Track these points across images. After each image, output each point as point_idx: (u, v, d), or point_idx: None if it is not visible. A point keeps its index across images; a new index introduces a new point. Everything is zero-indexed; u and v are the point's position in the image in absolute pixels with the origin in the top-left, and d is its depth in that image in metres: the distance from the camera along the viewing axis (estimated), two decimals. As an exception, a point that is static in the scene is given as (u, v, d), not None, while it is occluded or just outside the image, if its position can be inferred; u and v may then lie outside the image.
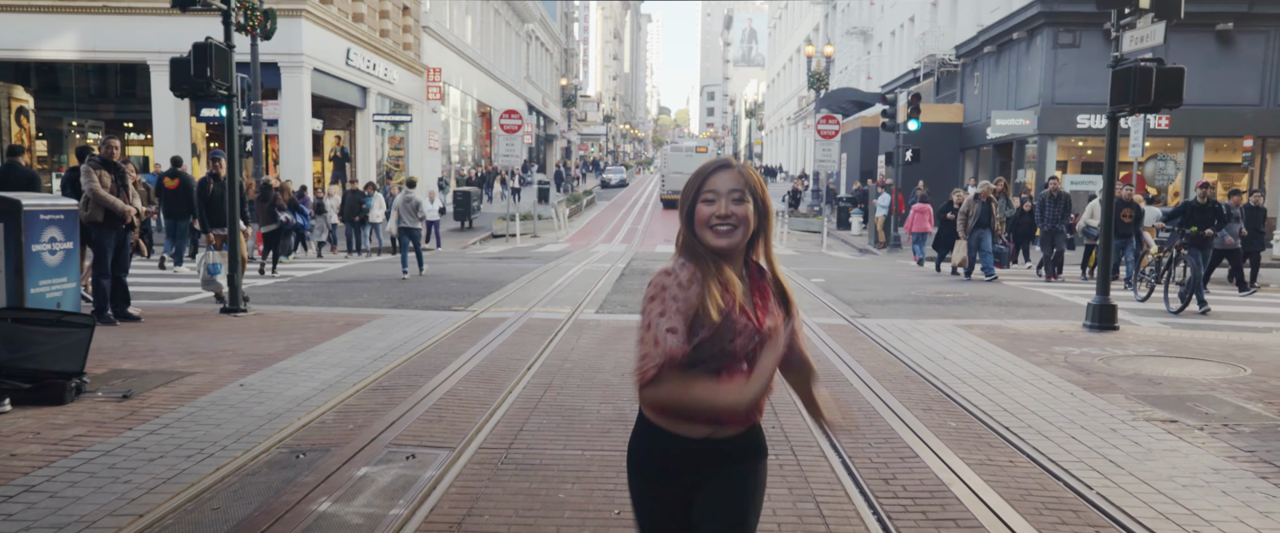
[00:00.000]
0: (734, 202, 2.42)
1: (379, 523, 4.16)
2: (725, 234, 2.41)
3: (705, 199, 2.44)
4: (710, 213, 2.43)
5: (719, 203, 2.43)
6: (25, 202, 6.58)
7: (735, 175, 2.45)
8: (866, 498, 4.59)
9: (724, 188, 2.44)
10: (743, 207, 2.42)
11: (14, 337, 6.21)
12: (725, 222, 2.41)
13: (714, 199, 2.44)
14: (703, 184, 2.45)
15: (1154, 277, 13.51)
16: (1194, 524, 4.28)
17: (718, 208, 2.42)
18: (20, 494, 4.44)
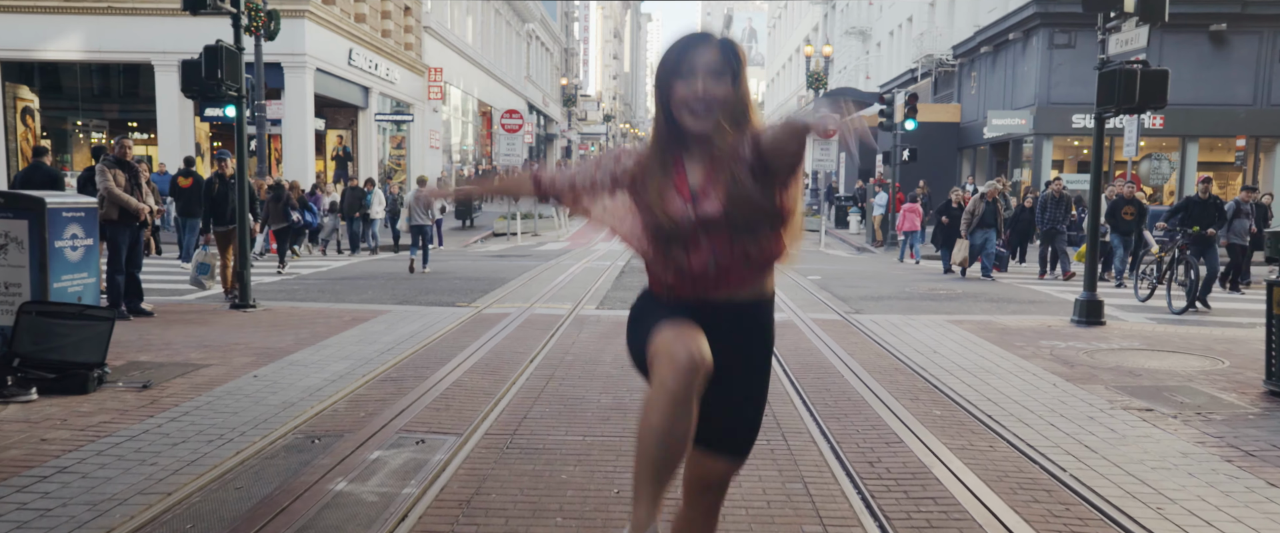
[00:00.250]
0: (714, 77, 2.29)
1: (393, 501, 4.43)
2: (700, 115, 2.30)
3: (681, 74, 2.31)
4: (685, 94, 2.30)
5: (696, 81, 2.29)
6: (49, 200, 6.85)
7: (715, 52, 2.30)
8: (852, 479, 4.86)
9: (703, 64, 2.30)
10: (722, 86, 2.29)
11: (38, 329, 6.48)
12: (698, 102, 2.28)
13: (690, 76, 2.30)
14: (680, 62, 2.31)
15: (1155, 276, 13.36)
16: (1158, 502, 4.55)
17: (695, 87, 2.29)
18: (54, 475, 4.71)
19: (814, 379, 7.35)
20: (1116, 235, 15.71)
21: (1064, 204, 17.03)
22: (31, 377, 6.23)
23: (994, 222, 16.66)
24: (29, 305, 6.61)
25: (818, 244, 27.10)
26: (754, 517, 4.30)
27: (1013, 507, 4.47)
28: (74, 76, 27.39)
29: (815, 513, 4.38)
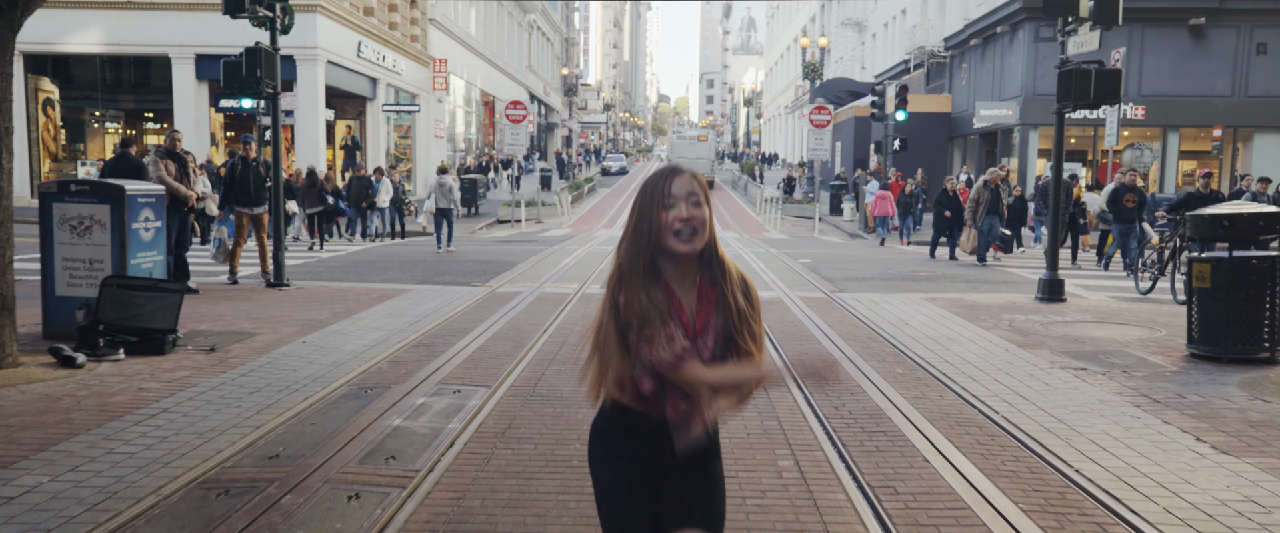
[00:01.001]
0: (692, 205, 2.42)
1: (441, 433, 5.43)
2: (686, 240, 2.40)
3: (666, 204, 2.42)
4: (672, 218, 2.40)
5: (679, 206, 2.41)
6: (128, 187, 7.83)
7: (689, 180, 2.46)
8: (819, 419, 5.86)
9: (682, 192, 2.43)
10: (701, 210, 2.42)
11: (120, 300, 7.47)
12: (687, 225, 2.40)
13: (674, 203, 2.42)
14: (663, 190, 2.43)
15: (1156, 269, 12.82)
16: (1067, 435, 5.55)
17: (679, 212, 2.40)
18: (159, 414, 5.70)
19: (794, 345, 8.35)
20: (1118, 224, 15.72)
21: (1063, 190, 16.76)
22: (119, 340, 7.22)
23: (997, 207, 17.07)
24: (110, 279, 7.59)
25: (812, 230, 28.09)
26: (737, 445, 5.30)
27: (948, 438, 5.47)
28: (92, 68, 28.30)
29: (786, 442, 5.38)
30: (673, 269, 2.44)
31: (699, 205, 2.40)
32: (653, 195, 2.42)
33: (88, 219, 7.70)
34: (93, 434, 5.23)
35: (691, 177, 2.44)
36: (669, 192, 2.41)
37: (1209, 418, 5.93)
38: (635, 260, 2.41)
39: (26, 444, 5.01)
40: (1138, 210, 15.47)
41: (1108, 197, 16.15)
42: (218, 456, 4.91)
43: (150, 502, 4.23)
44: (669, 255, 2.41)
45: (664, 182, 2.43)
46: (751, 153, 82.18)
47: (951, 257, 18.07)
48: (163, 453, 4.93)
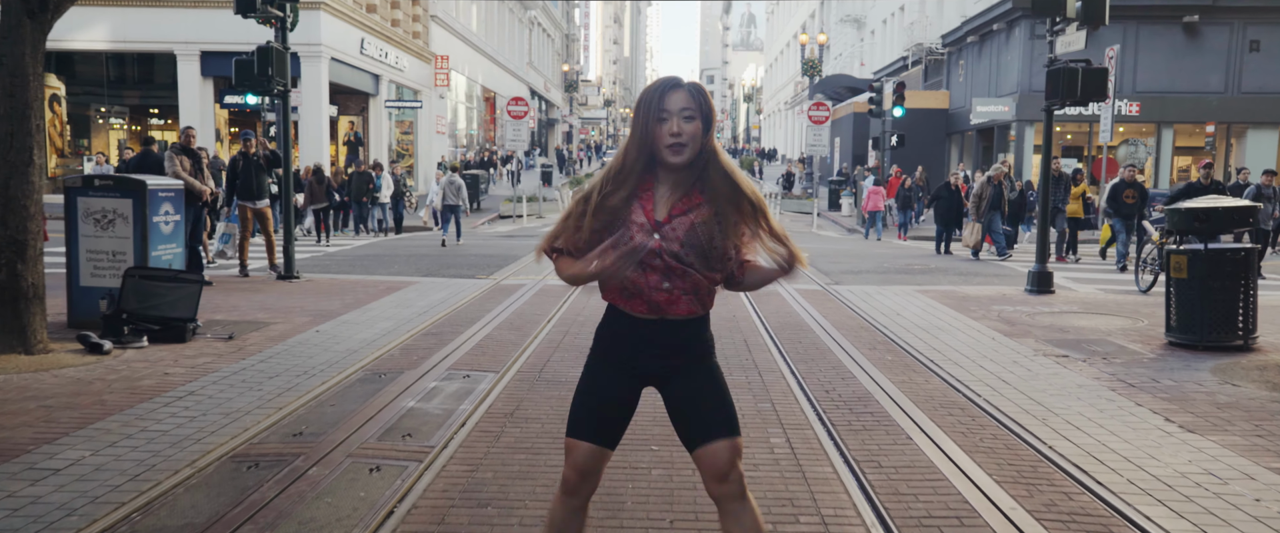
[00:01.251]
0: (685, 119, 2.60)
1: (453, 413, 5.76)
2: (678, 151, 2.61)
3: (660, 116, 2.61)
4: (665, 131, 2.59)
5: (672, 121, 2.59)
6: (149, 182, 8.15)
7: (686, 95, 2.62)
8: (810, 401, 6.18)
9: (677, 106, 2.61)
10: (692, 124, 2.60)
11: (141, 290, 7.80)
12: (677, 139, 2.60)
13: (667, 117, 2.60)
14: (659, 103, 2.61)
15: (1158, 265, 12.30)
16: (1044, 415, 5.88)
17: (671, 126, 2.59)
18: (186, 397, 6.03)
19: (789, 334, 8.67)
20: (1119, 220, 15.66)
21: (1064, 184, 16.93)
22: (143, 328, 7.55)
23: (1000, 204, 17.22)
24: (132, 270, 7.92)
25: (810, 225, 28.41)
26: (731, 423, 5.63)
27: (932, 419, 5.80)
28: (98, 65, 28.61)
29: (779, 421, 5.71)
30: (667, 174, 2.66)
31: (691, 119, 2.59)
32: (648, 109, 2.62)
33: (111, 213, 8.03)
34: (126, 414, 5.56)
35: (687, 91, 2.62)
36: (664, 106, 2.60)
37: (1179, 400, 6.26)
38: (633, 163, 2.66)
39: (65, 423, 5.34)
40: (1138, 207, 15.43)
41: (1108, 193, 16.39)
42: (245, 433, 5.24)
43: (186, 473, 4.56)
44: (665, 164, 2.63)
45: (660, 95, 2.62)
46: (751, 149, 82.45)
47: (946, 251, 18.30)
48: (193, 431, 5.26)
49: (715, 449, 2.69)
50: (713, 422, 2.72)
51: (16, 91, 6.59)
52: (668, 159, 2.60)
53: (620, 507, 4.22)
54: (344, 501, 4.24)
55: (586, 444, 2.79)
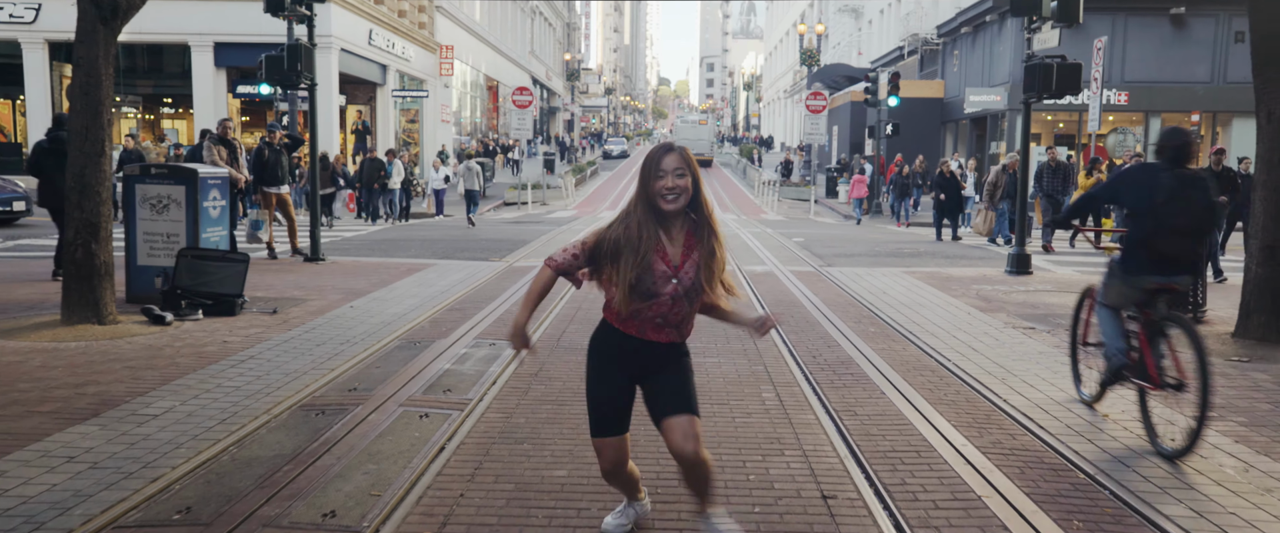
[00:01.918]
0: (677, 177, 3.28)
1: (485, 373, 6.56)
2: (672, 201, 3.27)
3: (657, 176, 3.28)
4: (661, 186, 3.27)
5: (667, 178, 3.27)
6: (200, 170, 8.94)
7: (677, 157, 3.32)
8: (799, 365, 6.99)
9: (670, 167, 3.28)
10: (684, 179, 3.29)
11: (194, 268, 8.60)
12: (672, 192, 3.27)
13: (663, 175, 3.27)
14: (656, 165, 3.30)
15: None
16: (1003, 374, 6.69)
17: (666, 182, 3.26)
18: (247, 361, 6.84)
19: (783, 310, 9.48)
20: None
21: (1062, 172, 17.06)
22: (198, 302, 8.35)
23: (1015, 193, 17.46)
24: (185, 251, 8.72)
25: (807, 212, 29.20)
26: (728, 381, 6.44)
27: (905, 378, 6.60)
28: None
29: (770, 380, 6.52)
30: (665, 220, 3.32)
31: (683, 176, 3.28)
32: (649, 168, 3.32)
33: (165, 198, 8.82)
34: (199, 374, 6.37)
35: (679, 153, 3.33)
36: (660, 166, 3.29)
37: (1126, 364, 7.07)
38: (639, 210, 3.34)
39: (150, 380, 6.15)
40: None
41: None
42: (306, 389, 6.05)
43: (264, 419, 5.37)
44: (661, 211, 3.30)
45: (659, 158, 3.31)
46: (750, 137, 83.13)
47: (955, 237, 18.67)
48: (261, 387, 6.07)
49: (676, 421, 3.40)
50: (676, 403, 3.42)
51: (91, 90, 7.38)
52: (664, 207, 3.28)
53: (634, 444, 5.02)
54: (402, 439, 5.05)
55: (611, 439, 3.51)
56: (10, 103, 30.64)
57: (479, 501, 4.20)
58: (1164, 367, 5.11)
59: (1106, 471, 4.67)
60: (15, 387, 5.89)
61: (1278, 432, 5.39)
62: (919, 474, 4.60)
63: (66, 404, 5.52)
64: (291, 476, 4.44)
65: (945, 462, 4.80)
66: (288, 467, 4.55)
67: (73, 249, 7.48)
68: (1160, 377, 5.11)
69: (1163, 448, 4.92)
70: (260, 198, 13.20)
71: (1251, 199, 7.64)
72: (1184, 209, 5.16)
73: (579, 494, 4.29)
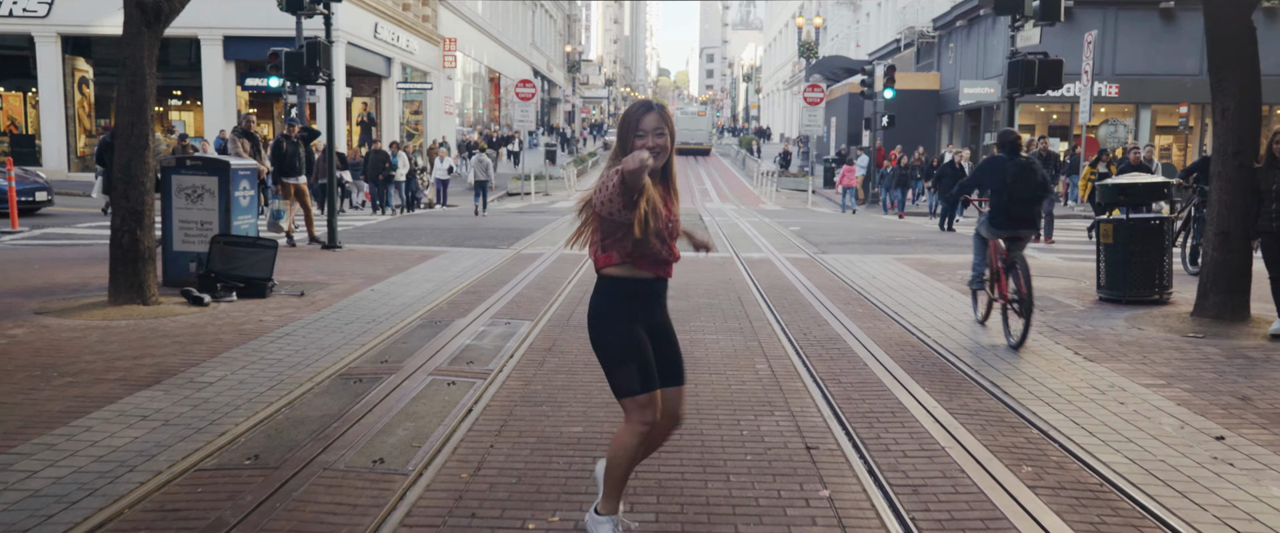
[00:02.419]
0: (657, 136, 3.40)
1: (502, 348, 7.18)
2: (658, 156, 3.40)
3: (638, 135, 3.41)
4: (643, 146, 3.36)
5: (648, 138, 3.39)
6: (232, 162, 9.55)
7: (656, 116, 3.43)
8: (790, 341, 7.60)
9: (651, 126, 3.41)
10: (663, 138, 3.42)
11: (226, 254, 9.21)
12: (655, 151, 3.38)
13: (644, 135, 3.40)
14: (637, 124, 3.42)
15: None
16: (977, 348, 7.30)
17: (648, 142, 3.38)
18: (283, 338, 7.45)
19: (777, 293, 10.09)
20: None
21: (1051, 164, 17.60)
22: (232, 285, 8.97)
23: None
24: (217, 237, 9.32)
25: (805, 202, 29.78)
26: (725, 354, 7.06)
27: (886, 352, 7.22)
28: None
29: (764, 354, 7.13)
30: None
31: (662, 135, 3.41)
32: (628, 128, 3.44)
33: (200, 188, 9.43)
34: (243, 348, 6.98)
35: (658, 112, 3.45)
36: (640, 126, 3.41)
37: (1091, 340, 7.70)
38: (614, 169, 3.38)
39: (200, 353, 6.76)
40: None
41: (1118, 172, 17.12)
42: (342, 361, 6.67)
43: (308, 385, 5.98)
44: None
45: (638, 117, 3.42)
46: (750, 128, 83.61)
47: (949, 228, 19.05)
48: (301, 359, 6.68)
49: (676, 391, 3.72)
50: (675, 374, 3.70)
51: (136, 88, 7.97)
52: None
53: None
54: (434, 403, 5.66)
55: (653, 394, 3.55)
56: (21, 95, 31.20)
57: (506, 451, 4.82)
58: (1010, 291, 7.67)
59: (1051, 425, 5.29)
60: (81, 359, 6.50)
61: (1192, 380, 5.99)
62: (892, 430, 5.22)
63: (129, 373, 6.14)
64: (341, 431, 5.05)
65: (916, 420, 5.42)
66: (336, 424, 5.17)
67: (119, 235, 8.09)
68: (1008, 296, 7.71)
69: (1011, 342, 7.39)
70: (280, 188, 13.80)
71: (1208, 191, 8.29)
72: (1025, 185, 7.78)
73: (593, 446, 4.91)
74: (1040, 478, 4.48)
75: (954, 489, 4.33)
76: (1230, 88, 7.80)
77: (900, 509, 4.07)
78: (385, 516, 3.94)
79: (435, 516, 3.97)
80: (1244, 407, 5.71)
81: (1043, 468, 4.63)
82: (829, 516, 4.03)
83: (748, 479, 4.46)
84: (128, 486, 4.19)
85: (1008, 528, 3.90)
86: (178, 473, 4.38)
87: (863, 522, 3.96)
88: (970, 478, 4.47)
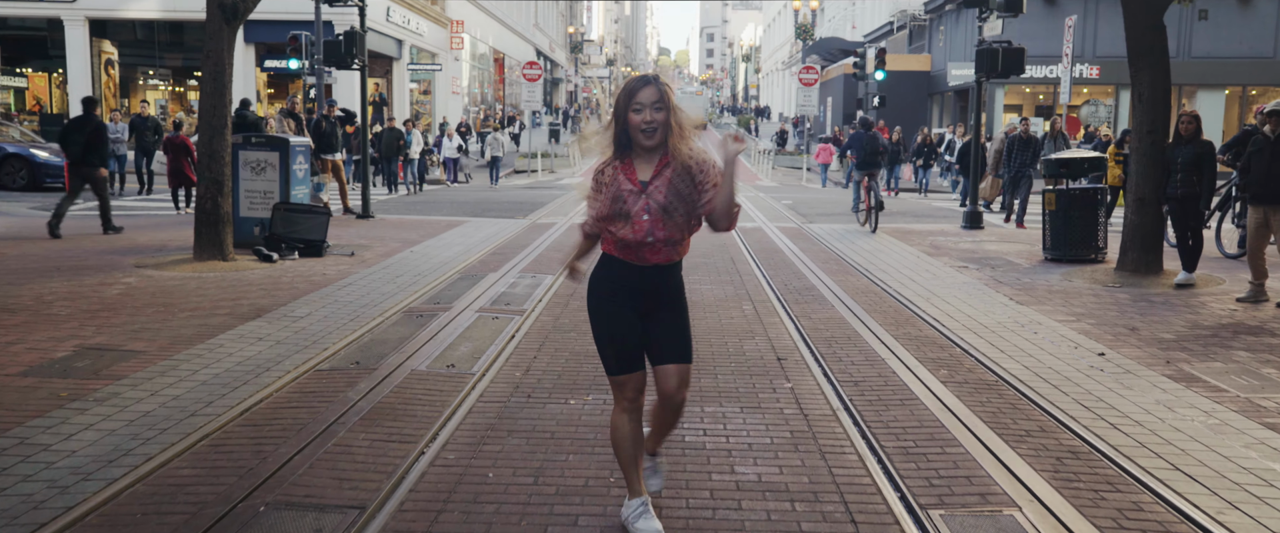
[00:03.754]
0: (655, 110, 3.17)
1: (532, 294, 8.60)
2: (650, 135, 3.20)
3: (634, 109, 3.18)
4: (639, 120, 3.16)
5: (645, 112, 3.16)
6: (291, 140, 10.97)
7: (654, 90, 3.19)
8: (772, 288, 9.03)
9: (648, 100, 3.17)
10: (661, 113, 3.18)
11: (287, 219, 10.63)
12: (650, 126, 3.18)
13: (641, 109, 3.17)
14: (632, 98, 3.18)
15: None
16: (932, 297, 8.73)
17: (644, 116, 3.16)
18: (347, 286, 8.88)
19: (767, 255, 11.52)
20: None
21: (1032, 146, 16.66)
22: (294, 246, 10.40)
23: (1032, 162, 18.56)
24: (278, 205, 10.74)
25: (800, 179, 31.15)
26: (717, 299, 8.50)
27: (851, 297, 8.65)
28: (147, 31, 31.23)
29: (749, 298, 8.57)
30: (641, 151, 3.31)
31: (660, 110, 3.19)
32: (624, 102, 3.24)
33: (263, 162, 10.85)
34: (316, 294, 8.41)
35: (655, 86, 3.23)
36: (637, 99, 3.21)
37: (1026, 290, 9.13)
38: (613, 148, 3.33)
39: (283, 297, 8.20)
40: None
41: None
42: (402, 302, 8.10)
43: (380, 319, 7.42)
44: (638, 144, 3.27)
45: (634, 91, 3.22)
46: (749, 107, 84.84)
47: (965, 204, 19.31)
48: (368, 301, 8.12)
49: (668, 369, 3.49)
50: (675, 350, 3.47)
51: (217, 76, 9.37)
52: (643, 143, 3.27)
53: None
54: (484, 330, 7.10)
55: (629, 375, 3.48)
56: (47, 76, 32.51)
57: (546, 362, 6.26)
58: (871, 204, 12.70)
59: (975, 350, 6.74)
60: (190, 300, 7.94)
61: (1098, 317, 7.42)
62: (846, 349, 6.66)
63: (233, 310, 7.58)
64: (416, 347, 6.50)
65: (867, 343, 6.86)
66: (411, 343, 6.61)
67: (203, 201, 9.51)
68: (870, 205, 13.38)
69: (871, 230, 12.19)
70: (318, 163, 15.22)
71: (1130, 162, 9.71)
72: (873, 148, 14.68)
73: (613, 358, 6.35)
74: (952, 376, 5.93)
75: (885, 383, 5.79)
76: (1145, 77, 9.21)
77: (842, 394, 5.52)
78: (463, 398, 5.37)
79: (500, 397, 5.42)
80: (1130, 334, 7.16)
81: (955, 371, 6.08)
82: (790, 398, 5.47)
83: (732, 378, 5.90)
84: (271, 378, 5.64)
85: (917, 402, 5.36)
86: (303, 373, 5.82)
87: (814, 401, 5.40)
88: (899, 377, 5.92)
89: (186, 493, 3.90)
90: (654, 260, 3.38)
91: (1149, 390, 5.62)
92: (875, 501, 3.96)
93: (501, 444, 4.62)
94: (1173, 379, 5.87)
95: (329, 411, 5.05)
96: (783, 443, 4.69)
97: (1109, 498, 3.99)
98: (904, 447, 4.61)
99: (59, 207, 11.76)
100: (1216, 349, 6.67)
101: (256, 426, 4.80)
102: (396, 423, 4.88)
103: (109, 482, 3.97)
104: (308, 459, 4.31)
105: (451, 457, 4.42)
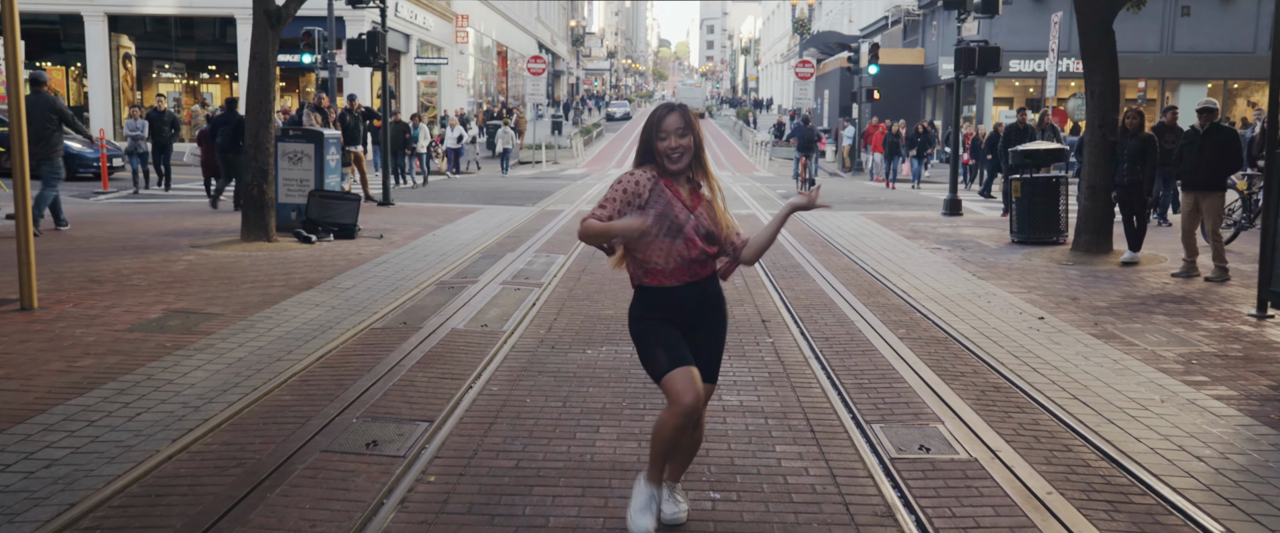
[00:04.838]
0: (680, 137, 3.33)
1: (548, 270, 9.67)
2: (677, 162, 3.34)
3: (660, 137, 3.34)
4: (665, 147, 3.33)
5: (670, 139, 3.32)
6: (324, 133, 12.03)
7: (679, 117, 3.35)
8: (762, 267, 10.09)
9: (672, 127, 3.33)
10: (686, 139, 3.33)
11: (321, 205, 11.69)
12: (676, 152, 3.33)
13: (666, 136, 3.32)
14: (658, 126, 3.35)
15: (1244, 217, 12.24)
16: (902, 272, 9.80)
17: (669, 143, 3.32)
18: (381, 264, 9.94)
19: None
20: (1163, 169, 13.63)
21: (1028, 136, 16.83)
22: (329, 228, 11.46)
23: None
24: (313, 192, 11.80)
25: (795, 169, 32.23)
26: (712, 275, 9.56)
27: (832, 273, 9.72)
28: (163, 26, 32.24)
29: (740, 274, 9.64)
30: (671, 176, 3.42)
31: (685, 136, 3.34)
32: (651, 130, 3.38)
33: (300, 153, 11.90)
34: (356, 270, 9.48)
35: (680, 113, 3.38)
36: (662, 127, 3.36)
37: (989, 267, 10.20)
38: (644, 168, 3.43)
39: (327, 272, 9.26)
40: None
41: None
42: (433, 277, 9.17)
43: (416, 290, 8.48)
44: (667, 171, 3.39)
45: (660, 119, 3.37)
46: (748, 100, 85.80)
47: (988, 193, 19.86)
48: (403, 276, 9.19)
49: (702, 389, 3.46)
50: (704, 370, 3.49)
51: (263, 75, 10.42)
52: (670, 168, 3.37)
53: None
54: (508, 299, 8.17)
55: (681, 369, 3.37)
56: (64, 69, 33.52)
57: (565, 323, 7.33)
58: (806, 177, 17.21)
59: (934, 315, 7.80)
60: (247, 275, 9.02)
61: (1047, 290, 8.47)
62: (822, 315, 7.73)
63: (288, 282, 8.65)
64: (452, 312, 7.57)
65: (840, 308, 7.94)
66: (446, 308, 7.69)
67: (251, 188, 10.57)
68: (806, 177, 19.40)
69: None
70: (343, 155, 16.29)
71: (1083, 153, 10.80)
72: (809, 137, 22.16)
73: (623, 322, 7.42)
74: (909, 334, 7.01)
75: (851, 338, 6.86)
76: (1096, 75, 10.27)
77: (814, 346, 6.59)
78: (498, 349, 6.44)
79: (529, 348, 6.49)
80: (1071, 303, 8.23)
81: (912, 330, 7.16)
82: (770, 350, 6.54)
83: (722, 335, 6.97)
84: (334, 333, 6.71)
85: (875, 352, 6.44)
86: (361, 330, 6.89)
87: (790, 352, 6.48)
88: (864, 335, 7.00)
89: (293, 411, 4.98)
90: (703, 274, 3.49)
91: (1072, 346, 6.69)
92: (831, 418, 5.04)
93: (534, 380, 5.69)
94: (1096, 337, 6.94)
95: (390, 357, 6.12)
96: (761, 380, 5.77)
97: (1015, 417, 5.06)
98: (860, 383, 5.69)
99: (220, 187, 15.16)
100: (1140, 314, 7.75)
101: (333, 367, 5.88)
102: (446, 365, 5.96)
103: (229, 404, 5.04)
104: (381, 389, 5.39)
105: (495, 389, 5.49)
